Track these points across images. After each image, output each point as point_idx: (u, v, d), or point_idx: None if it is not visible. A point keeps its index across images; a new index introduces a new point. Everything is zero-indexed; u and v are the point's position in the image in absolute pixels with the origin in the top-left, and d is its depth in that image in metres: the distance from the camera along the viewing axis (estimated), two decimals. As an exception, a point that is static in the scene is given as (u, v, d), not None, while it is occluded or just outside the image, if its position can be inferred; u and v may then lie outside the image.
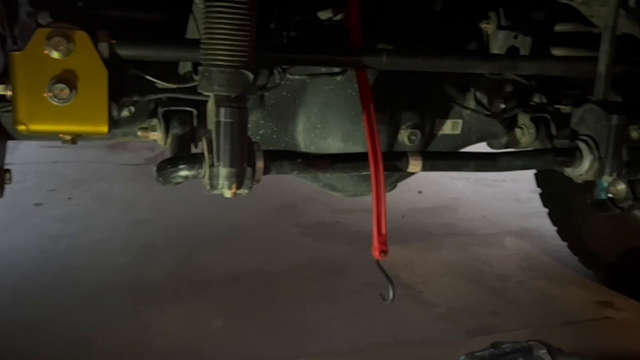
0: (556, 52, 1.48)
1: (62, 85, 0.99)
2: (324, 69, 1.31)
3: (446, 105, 1.48)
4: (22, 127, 1.02)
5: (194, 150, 1.23)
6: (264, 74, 1.20)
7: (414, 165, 1.22)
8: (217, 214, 2.69)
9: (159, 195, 2.92)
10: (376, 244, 1.15)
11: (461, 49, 1.50)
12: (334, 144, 1.39)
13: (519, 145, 1.54)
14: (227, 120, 0.95)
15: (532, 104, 1.52)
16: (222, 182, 0.98)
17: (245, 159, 0.99)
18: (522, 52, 1.43)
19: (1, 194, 1.22)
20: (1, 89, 1.02)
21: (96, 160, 3.66)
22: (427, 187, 3.35)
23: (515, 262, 2.38)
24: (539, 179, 2.33)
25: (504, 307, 1.96)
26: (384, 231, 1.16)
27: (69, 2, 1.15)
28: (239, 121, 0.97)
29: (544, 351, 1.33)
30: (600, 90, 1.23)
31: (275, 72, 1.23)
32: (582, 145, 1.27)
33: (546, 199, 2.31)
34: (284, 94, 1.35)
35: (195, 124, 1.24)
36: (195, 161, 1.01)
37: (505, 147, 1.57)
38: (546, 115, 1.51)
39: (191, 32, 1.23)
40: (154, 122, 1.24)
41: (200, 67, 0.99)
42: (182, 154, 1.13)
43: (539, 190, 2.34)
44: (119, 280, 2.03)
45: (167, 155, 1.17)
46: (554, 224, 2.30)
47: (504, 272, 2.26)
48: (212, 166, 0.98)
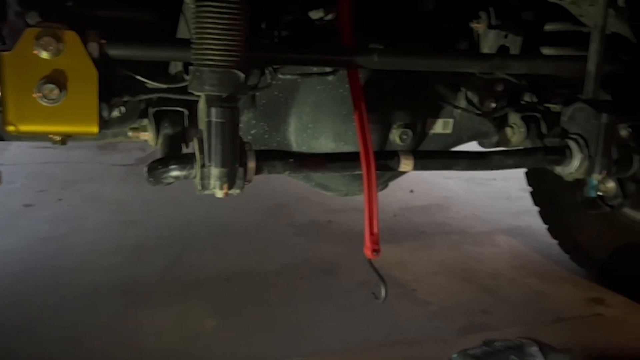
0: (546, 51, 1.49)
1: (51, 85, 0.99)
2: (315, 69, 1.31)
3: (437, 104, 1.49)
4: (11, 128, 1.01)
5: (185, 150, 1.23)
6: (255, 73, 1.20)
7: (406, 164, 1.22)
8: (208, 214, 2.69)
9: (150, 195, 2.91)
10: (368, 243, 1.16)
11: (452, 48, 1.50)
12: (325, 144, 1.39)
13: (509, 144, 1.55)
14: (218, 120, 0.95)
15: (523, 103, 1.53)
16: (213, 182, 0.98)
17: (236, 159, 0.98)
18: (512, 52, 1.43)
19: None
20: (-10, 90, 1.01)
21: (86, 160, 3.65)
22: (418, 186, 3.35)
23: (507, 260, 2.39)
24: (530, 178, 2.35)
25: (496, 304, 1.97)
26: (375, 230, 1.17)
27: (59, 1, 1.14)
28: (230, 121, 0.96)
29: (536, 348, 1.34)
30: (590, 89, 1.24)
31: (266, 71, 1.23)
32: (572, 143, 1.27)
33: (537, 197, 2.33)
34: (276, 93, 1.35)
35: (186, 124, 1.24)
36: (186, 161, 1.01)
37: (496, 146, 1.58)
38: (536, 114, 1.52)
39: (182, 32, 1.23)
40: (145, 122, 1.24)
41: (191, 67, 0.98)
42: (173, 154, 1.12)
43: (529, 188, 2.35)
44: (111, 281, 2.02)
45: (158, 155, 1.16)
46: (545, 222, 2.31)
47: (496, 270, 2.27)
48: (203, 166, 0.98)
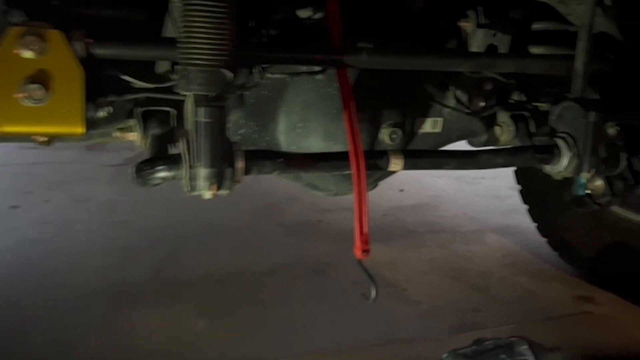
0: (534, 50, 1.49)
1: (35, 85, 0.97)
2: (304, 68, 1.31)
3: (426, 103, 1.49)
4: (-6, 129, 0.99)
5: (173, 150, 1.22)
6: (243, 72, 1.19)
7: (395, 163, 1.22)
8: (199, 214, 2.67)
9: (140, 195, 2.88)
10: (358, 243, 1.15)
11: (441, 47, 1.50)
12: (315, 143, 1.38)
13: (498, 142, 1.56)
14: (206, 120, 0.94)
15: (511, 101, 1.54)
16: (201, 183, 0.97)
17: (225, 160, 0.98)
18: (501, 50, 1.43)
19: None
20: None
21: (75, 161, 3.61)
22: (408, 185, 3.36)
23: (496, 258, 2.40)
24: (518, 176, 2.36)
25: (487, 303, 1.98)
26: (365, 230, 1.16)
27: (45, 0, 1.13)
28: (218, 121, 0.96)
29: (526, 347, 1.34)
30: (578, 87, 1.24)
31: (255, 71, 1.22)
32: (560, 142, 1.28)
33: (526, 195, 2.34)
34: (264, 93, 1.34)
35: (174, 124, 1.22)
36: (174, 162, 1.00)
37: (485, 145, 1.58)
38: (525, 112, 1.53)
39: (169, 31, 1.21)
40: (132, 122, 1.22)
41: (178, 67, 0.97)
42: (161, 155, 1.11)
43: (518, 187, 2.36)
44: (101, 282, 2.00)
45: (146, 155, 1.15)
46: (534, 221, 2.32)
47: (486, 269, 2.28)
48: (191, 167, 0.97)
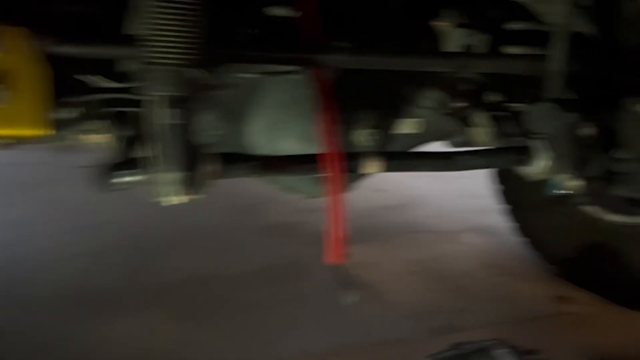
0: (512, 50, 1.48)
1: (-7, 86, 0.92)
2: (279, 67, 1.27)
3: (404, 104, 1.47)
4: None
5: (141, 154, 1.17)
6: (214, 72, 1.15)
7: (372, 166, 1.20)
8: (175, 216, 2.60)
9: (114, 197, 2.79)
10: (334, 248, 1.13)
11: (419, 47, 1.48)
12: (290, 145, 1.35)
13: (476, 143, 1.54)
14: (172, 122, 0.90)
15: (489, 102, 1.52)
16: (168, 188, 0.92)
17: (194, 163, 0.94)
18: (478, 50, 1.42)
19: None
20: None
21: (44, 162, 3.50)
22: (387, 184, 3.34)
23: (475, 258, 2.40)
24: (496, 176, 2.36)
25: (465, 304, 1.97)
26: (342, 235, 1.14)
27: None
28: (184, 123, 0.91)
29: (505, 350, 1.33)
30: (554, 88, 1.23)
31: (227, 70, 1.19)
32: (537, 143, 1.27)
33: (503, 195, 2.34)
34: (238, 93, 1.30)
35: (142, 125, 1.18)
36: (140, 166, 0.96)
37: (462, 146, 1.57)
38: (502, 113, 1.52)
39: (136, 28, 1.17)
40: (98, 123, 1.17)
41: (143, 66, 0.93)
42: (127, 158, 1.07)
43: (495, 186, 2.36)
44: (72, 290, 1.93)
45: (112, 159, 1.10)
46: (511, 220, 2.32)
47: (465, 269, 2.27)
48: (157, 171, 0.93)
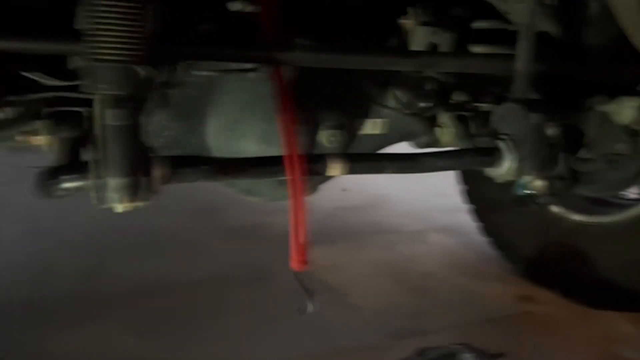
0: (476, 49, 1.45)
1: None
2: (235, 65, 1.21)
3: (366, 104, 1.42)
4: None
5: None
6: (164, 69, 1.08)
7: (334, 168, 1.15)
8: (130, 220, 2.47)
9: (66, 200, 2.66)
10: (294, 254, 1.07)
11: (381, 45, 1.44)
12: (248, 147, 1.29)
13: (439, 144, 1.51)
14: (116, 123, 0.83)
15: (453, 102, 1.49)
16: (111, 194, 0.85)
17: (139, 168, 0.86)
18: (442, 49, 1.39)
19: None
20: None
21: (-6, 162, 3.34)
22: (352, 184, 3.31)
23: (439, 258, 2.39)
24: (461, 175, 2.35)
25: (430, 306, 1.95)
26: (302, 240, 1.09)
27: None
28: (130, 124, 0.84)
29: (469, 355, 1.32)
30: (519, 88, 1.21)
31: (178, 67, 1.11)
32: (502, 144, 1.24)
33: (468, 194, 2.34)
34: (191, 92, 1.23)
35: (86, 126, 1.10)
36: (80, 170, 0.88)
37: (426, 147, 1.54)
38: (466, 113, 1.49)
39: (80, 22, 1.09)
40: (38, 124, 1.09)
41: (83, 62, 0.85)
42: (68, 162, 0.99)
43: (461, 186, 2.36)
44: (14, 299, 1.82)
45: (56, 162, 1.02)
46: (476, 220, 2.32)
47: (429, 270, 2.25)
48: (99, 177, 0.85)
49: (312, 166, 1.13)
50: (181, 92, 1.21)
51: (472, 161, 1.26)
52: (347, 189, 3.25)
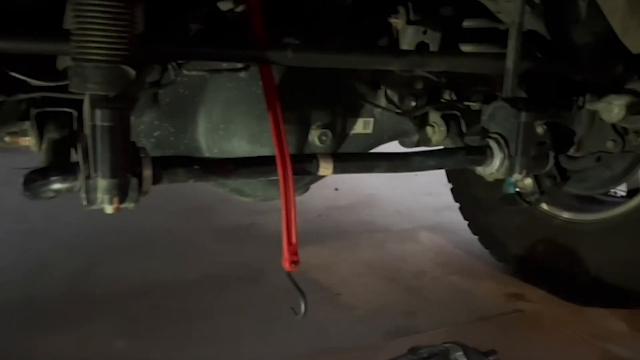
0: (465, 48, 1.46)
1: None
2: (225, 65, 1.20)
3: (357, 103, 1.42)
4: None
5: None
6: (155, 69, 1.07)
7: (325, 168, 1.14)
8: (122, 221, 2.46)
9: (57, 201, 2.64)
10: (286, 254, 1.07)
11: (371, 44, 1.44)
12: (239, 146, 1.28)
13: (430, 143, 1.52)
14: (105, 124, 0.82)
15: (443, 101, 1.50)
16: (100, 195, 0.84)
17: (128, 168, 0.86)
18: (431, 48, 1.39)
19: None
20: None
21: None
22: (343, 183, 3.31)
23: (430, 257, 2.39)
24: (450, 174, 2.36)
25: (421, 305, 1.95)
26: (294, 240, 1.08)
27: None
28: (119, 124, 0.83)
29: (460, 353, 1.31)
30: (509, 87, 1.21)
31: (169, 67, 1.11)
32: (492, 143, 1.25)
33: (457, 193, 2.34)
34: (181, 91, 1.22)
35: (75, 127, 1.09)
36: (69, 172, 0.87)
37: (417, 146, 1.54)
38: (456, 112, 1.50)
39: (68, 22, 1.08)
40: (26, 125, 1.08)
41: (71, 62, 0.85)
42: (56, 164, 0.97)
43: (450, 184, 2.36)
44: (5, 301, 1.81)
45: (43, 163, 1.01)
46: (465, 218, 2.33)
47: (420, 269, 2.26)
48: (88, 178, 0.84)
49: (303, 166, 1.12)
50: (172, 92, 1.21)
51: (462, 160, 1.27)
52: (338, 188, 3.25)
